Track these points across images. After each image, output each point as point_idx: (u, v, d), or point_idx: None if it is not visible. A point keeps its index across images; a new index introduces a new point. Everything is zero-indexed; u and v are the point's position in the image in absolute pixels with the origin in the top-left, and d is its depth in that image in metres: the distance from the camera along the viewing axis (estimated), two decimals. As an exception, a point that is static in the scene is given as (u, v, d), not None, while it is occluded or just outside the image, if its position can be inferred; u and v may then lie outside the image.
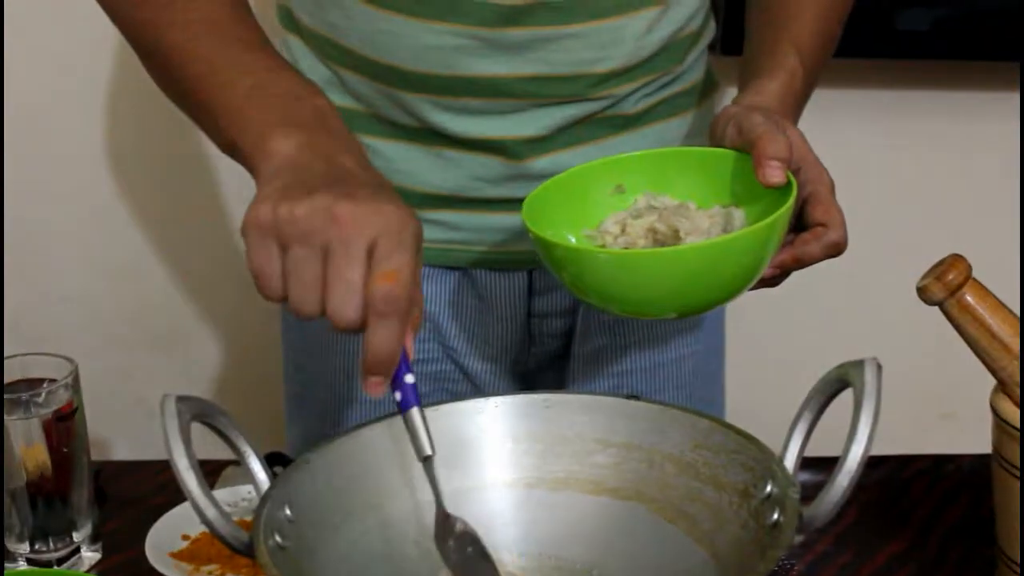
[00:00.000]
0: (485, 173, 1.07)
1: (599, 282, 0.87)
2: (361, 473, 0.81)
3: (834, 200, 0.92)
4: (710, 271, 0.84)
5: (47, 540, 1.01)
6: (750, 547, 0.74)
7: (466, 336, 1.18)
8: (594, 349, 1.18)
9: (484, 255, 1.12)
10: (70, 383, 0.99)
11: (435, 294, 1.15)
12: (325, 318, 0.75)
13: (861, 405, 0.71)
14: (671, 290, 0.85)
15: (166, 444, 0.71)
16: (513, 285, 1.15)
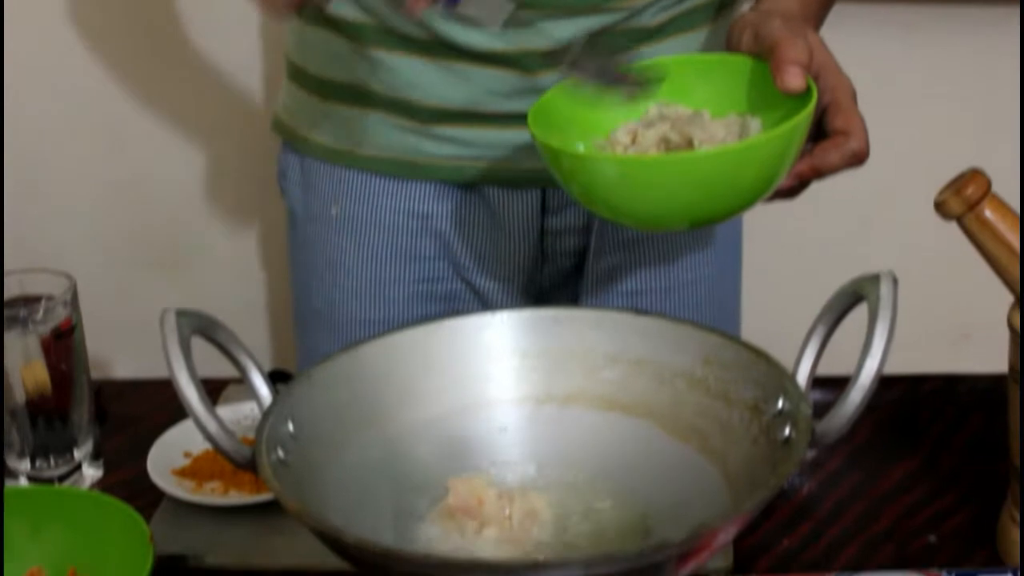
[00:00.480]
0: (498, 87, 1.05)
1: (608, 191, 0.84)
2: (363, 389, 0.80)
3: (855, 108, 0.89)
4: (724, 180, 0.82)
5: (48, 458, 1.01)
6: (761, 463, 0.73)
7: (477, 255, 1.16)
8: (608, 268, 1.16)
9: (496, 171, 1.11)
10: (68, 300, 0.98)
11: (446, 211, 1.14)
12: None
13: (876, 318, 0.69)
14: (682, 199, 0.83)
15: (166, 358, 0.70)
16: (525, 202, 1.13)
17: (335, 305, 1.19)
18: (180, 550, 0.94)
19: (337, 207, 1.16)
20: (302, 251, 1.22)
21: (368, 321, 1.17)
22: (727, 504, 0.73)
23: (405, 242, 1.15)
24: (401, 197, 1.14)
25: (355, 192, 1.15)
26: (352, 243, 1.16)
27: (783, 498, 0.96)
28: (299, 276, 1.24)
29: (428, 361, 0.81)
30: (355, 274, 1.17)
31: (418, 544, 0.74)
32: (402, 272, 1.16)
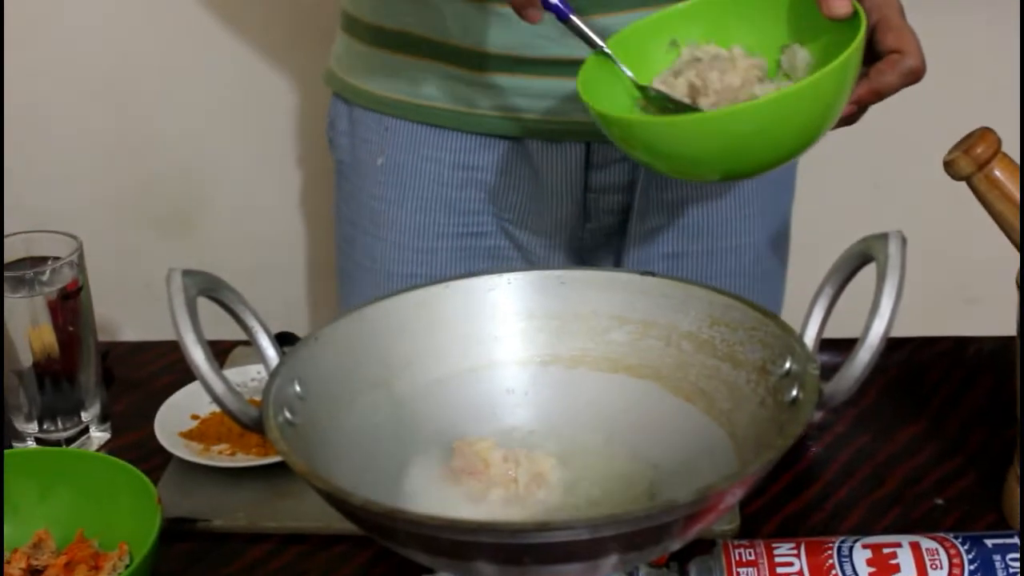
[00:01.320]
0: (545, 30, 1.04)
1: (644, 146, 0.85)
2: (371, 350, 0.79)
3: (906, 24, 0.87)
4: (765, 130, 0.82)
5: (55, 420, 1.01)
6: (767, 424, 0.72)
7: (520, 209, 1.16)
8: (651, 228, 1.16)
9: (540, 123, 1.10)
10: (75, 261, 0.98)
11: (489, 163, 1.14)
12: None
13: (885, 278, 0.69)
14: (717, 153, 0.83)
15: (172, 318, 0.70)
16: (569, 157, 1.13)
17: (378, 258, 1.19)
18: (188, 512, 0.94)
19: (383, 157, 1.16)
20: (348, 203, 1.23)
21: (411, 275, 1.17)
22: (734, 465, 0.73)
23: (449, 194, 1.16)
24: (447, 148, 1.14)
25: (401, 142, 1.16)
26: (396, 194, 1.17)
27: (790, 461, 0.96)
28: (344, 229, 1.24)
29: (434, 322, 0.80)
30: (399, 226, 1.17)
31: (424, 506, 0.74)
32: (446, 224, 1.16)
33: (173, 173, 1.72)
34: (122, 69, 1.66)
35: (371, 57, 1.14)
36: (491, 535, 0.62)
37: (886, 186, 1.65)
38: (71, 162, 1.71)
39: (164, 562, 0.89)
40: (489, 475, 0.75)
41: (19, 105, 1.65)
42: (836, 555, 0.80)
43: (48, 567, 0.86)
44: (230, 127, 1.70)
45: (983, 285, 1.69)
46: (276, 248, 1.78)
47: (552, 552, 0.63)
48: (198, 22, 1.63)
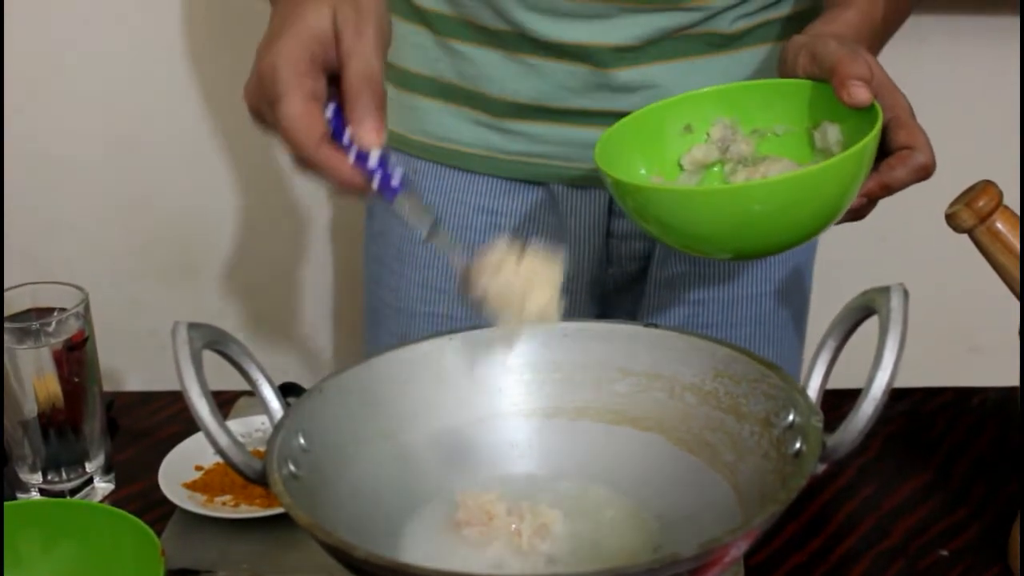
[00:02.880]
0: (571, 82, 1.07)
1: (656, 217, 0.86)
2: (375, 402, 0.79)
3: (916, 123, 0.88)
4: (782, 208, 0.82)
5: (59, 471, 1.01)
6: (771, 476, 0.72)
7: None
8: (672, 276, 1.17)
9: (565, 170, 1.12)
10: (81, 312, 0.98)
11: (514, 208, 1.16)
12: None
13: (887, 331, 0.69)
14: (730, 228, 0.83)
15: (177, 371, 0.70)
16: (593, 203, 1.14)
17: (403, 297, 1.21)
18: (191, 564, 0.94)
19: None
20: (376, 242, 1.25)
21: (431, 315, 1.19)
22: (738, 518, 0.73)
23: (473, 237, 1.17)
24: (473, 192, 1.16)
25: (428, 183, 1.17)
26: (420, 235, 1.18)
27: (794, 513, 0.96)
28: (371, 268, 1.26)
29: (439, 374, 0.81)
30: (422, 265, 1.19)
31: (427, 558, 0.73)
32: None
33: (178, 222, 1.73)
34: (127, 121, 1.67)
35: (401, 100, 1.16)
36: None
37: (892, 239, 1.65)
38: (77, 212, 1.72)
39: (167, 614, 0.88)
40: (493, 527, 0.75)
41: (26, 156, 1.66)
42: (841, 608, 0.79)
43: (52, 619, 0.86)
44: (235, 176, 1.71)
45: (986, 335, 1.69)
46: (280, 298, 1.78)
47: (556, 606, 0.63)
48: (205, 73, 1.64)
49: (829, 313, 0.76)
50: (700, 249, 0.88)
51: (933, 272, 1.51)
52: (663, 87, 1.05)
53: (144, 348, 1.59)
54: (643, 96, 1.05)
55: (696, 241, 0.86)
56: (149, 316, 1.68)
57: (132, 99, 1.66)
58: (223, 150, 1.69)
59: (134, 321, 1.68)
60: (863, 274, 0.93)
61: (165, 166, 1.70)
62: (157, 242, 1.74)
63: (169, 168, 1.70)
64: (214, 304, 1.71)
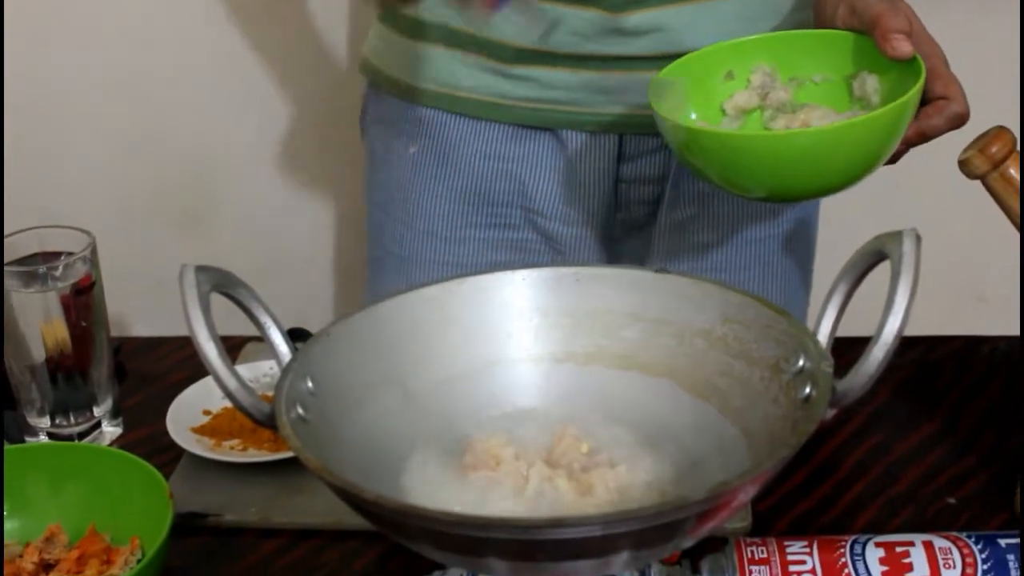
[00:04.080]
0: (581, 27, 1.06)
1: (705, 155, 0.90)
2: (383, 346, 0.79)
3: (951, 72, 0.91)
4: (844, 150, 0.86)
5: (67, 415, 1.01)
6: (781, 422, 0.72)
7: (551, 200, 1.17)
8: (681, 219, 1.17)
9: (574, 116, 1.12)
10: (88, 256, 0.98)
11: (521, 154, 1.16)
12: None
13: (899, 276, 0.68)
14: (796, 174, 0.88)
15: (185, 314, 0.70)
16: (602, 148, 1.14)
17: (407, 246, 1.20)
18: (199, 507, 0.94)
19: (416, 146, 1.18)
20: (379, 191, 1.24)
21: (439, 263, 1.19)
22: (746, 463, 0.72)
23: (480, 185, 1.17)
24: (479, 139, 1.16)
25: (434, 132, 1.17)
26: (428, 183, 1.18)
27: (802, 459, 0.96)
28: (374, 216, 1.26)
29: (447, 319, 0.80)
30: (429, 214, 1.19)
31: (434, 502, 0.73)
32: (476, 215, 1.18)
33: (186, 170, 1.72)
34: (135, 66, 1.66)
35: (411, 49, 1.15)
36: (504, 531, 0.62)
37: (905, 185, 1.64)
38: (84, 159, 1.71)
39: (175, 557, 0.89)
40: (500, 472, 0.75)
41: (33, 103, 1.65)
42: (849, 553, 0.79)
43: (60, 561, 0.86)
44: (242, 123, 1.70)
45: (995, 284, 1.68)
46: (287, 245, 1.78)
47: (564, 548, 0.62)
48: (214, 18, 1.63)
49: (840, 258, 0.75)
50: (739, 188, 0.92)
51: (944, 220, 1.50)
52: (672, 31, 1.05)
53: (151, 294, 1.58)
54: (651, 39, 1.05)
55: (735, 181, 0.91)
56: (156, 262, 1.67)
57: (141, 43, 1.65)
58: (233, 95, 1.68)
59: (141, 267, 1.68)
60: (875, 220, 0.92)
61: (172, 109, 1.69)
62: (164, 188, 1.73)
63: (176, 112, 1.69)
64: (221, 250, 1.71)
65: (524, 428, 0.78)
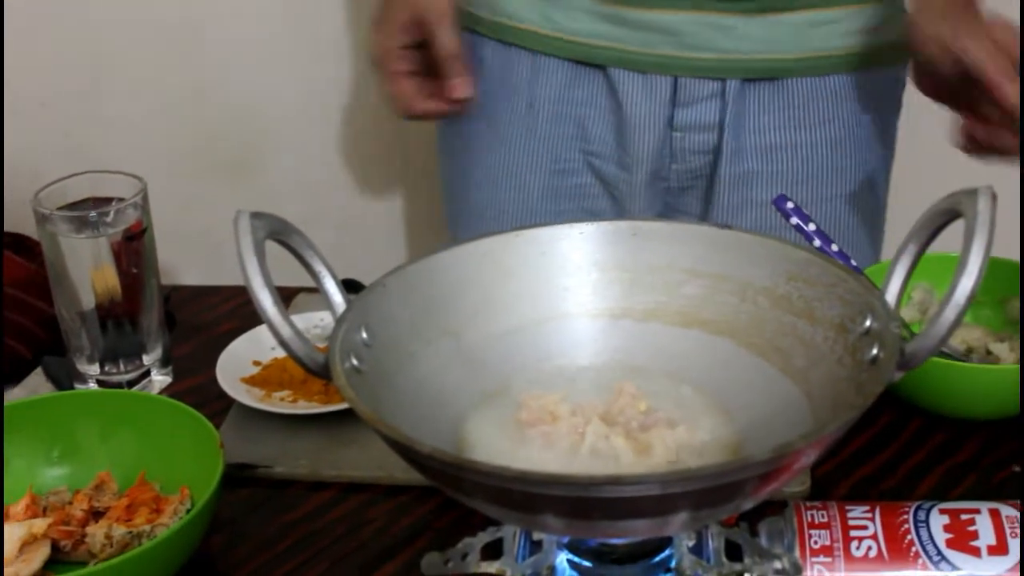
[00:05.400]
0: None
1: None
2: (438, 299, 0.78)
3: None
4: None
5: (117, 362, 1.00)
6: (845, 383, 0.70)
7: (606, 143, 1.17)
8: (743, 173, 1.15)
9: (625, 55, 1.12)
10: (139, 202, 0.97)
11: (579, 98, 1.16)
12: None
13: (973, 235, 0.66)
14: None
15: (240, 261, 0.68)
16: (654, 90, 1.13)
17: (472, 194, 1.22)
18: (249, 458, 0.93)
19: (477, 90, 1.17)
20: (445, 137, 1.26)
21: (501, 212, 1.20)
22: (809, 424, 0.71)
23: (540, 128, 1.17)
24: (537, 80, 1.16)
25: (495, 76, 1.17)
26: (489, 128, 1.19)
27: (863, 424, 0.94)
28: (444, 166, 1.28)
29: (504, 272, 0.79)
30: (491, 161, 1.20)
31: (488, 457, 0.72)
32: (536, 160, 1.19)
33: (238, 119, 1.71)
34: (190, 13, 1.65)
35: None
36: (562, 488, 0.60)
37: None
38: (137, 106, 1.71)
39: (224, 507, 0.88)
40: (556, 428, 0.73)
41: (83, 53, 1.64)
42: (912, 519, 0.77)
43: (109, 509, 0.86)
44: (296, 72, 1.69)
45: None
46: (337, 196, 1.76)
47: (622, 507, 0.61)
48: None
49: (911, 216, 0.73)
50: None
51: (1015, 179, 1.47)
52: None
53: (200, 245, 1.58)
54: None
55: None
56: (206, 212, 1.67)
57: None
58: (282, 45, 1.67)
59: (190, 218, 1.68)
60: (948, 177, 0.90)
61: (225, 57, 1.68)
62: (215, 137, 1.72)
63: (229, 60, 1.68)
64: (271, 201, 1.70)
65: (580, 384, 0.77)
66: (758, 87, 1.13)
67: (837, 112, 1.14)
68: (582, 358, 0.79)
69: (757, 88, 1.13)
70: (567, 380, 0.78)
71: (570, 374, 0.78)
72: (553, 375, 0.78)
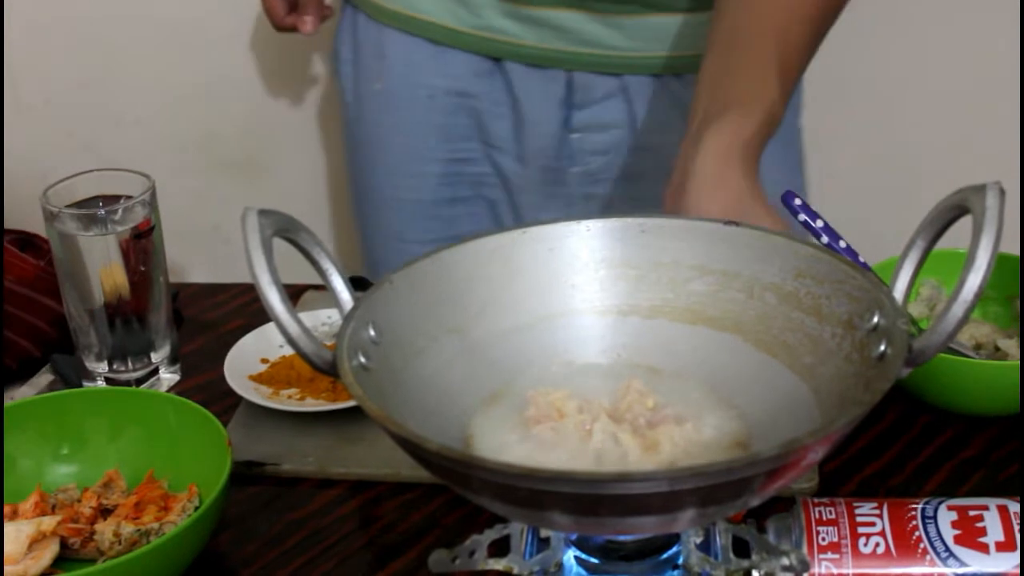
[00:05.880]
0: None
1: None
2: (445, 296, 0.78)
3: None
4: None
5: (125, 360, 1.00)
6: (853, 380, 0.70)
7: (501, 134, 1.20)
8: (638, 173, 1.19)
9: (520, 48, 1.15)
10: (147, 200, 0.97)
11: (478, 91, 1.19)
12: None
13: (981, 231, 0.66)
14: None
15: (248, 258, 0.68)
16: (549, 87, 1.16)
17: (373, 182, 1.25)
18: (256, 456, 0.94)
19: (380, 83, 1.21)
20: (350, 128, 1.28)
21: (399, 200, 1.23)
22: (816, 421, 0.71)
23: (440, 119, 1.21)
24: (439, 74, 1.19)
25: (397, 69, 1.20)
26: (392, 118, 1.22)
27: (870, 421, 0.94)
28: (349, 155, 1.31)
29: (511, 269, 0.79)
30: (392, 150, 1.22)
31: (496, 454, 0.72)
32: (436, 149, 1.22)
33: (246, 117, 1.72)
34: (193, 12, 1.65)
35: None
36: (569, 485, 0.60)
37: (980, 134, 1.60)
38: (145, 104, 1.71)
39: (231, 505, 0.88)
40: (563, 425, 0.73)
41: (89, 51, 1.65)
42: (920, 516, 0.77)
43: (118, 507, 0.86)
44: (304, 70, 1.69)
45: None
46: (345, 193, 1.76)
47: (629, 503, 0.61)
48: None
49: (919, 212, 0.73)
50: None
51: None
52: None
53: (208, 242, 1.58)
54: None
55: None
56: (212, 210, 1.67)
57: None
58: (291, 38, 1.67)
59: (198, 215, 1.68)
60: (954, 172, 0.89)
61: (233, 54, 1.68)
62: (223, 135, 1.72)
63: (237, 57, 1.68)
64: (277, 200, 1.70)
65: (588, 381, 0.77)
66: (656, 84, 1.16)
67: None
68: (589, 355, 0.79)
69: (655, 85, 1.16)
70: (574, 377, 0.78)
71: (577, 371, 0.78)
72: (560, 372, 0.78)
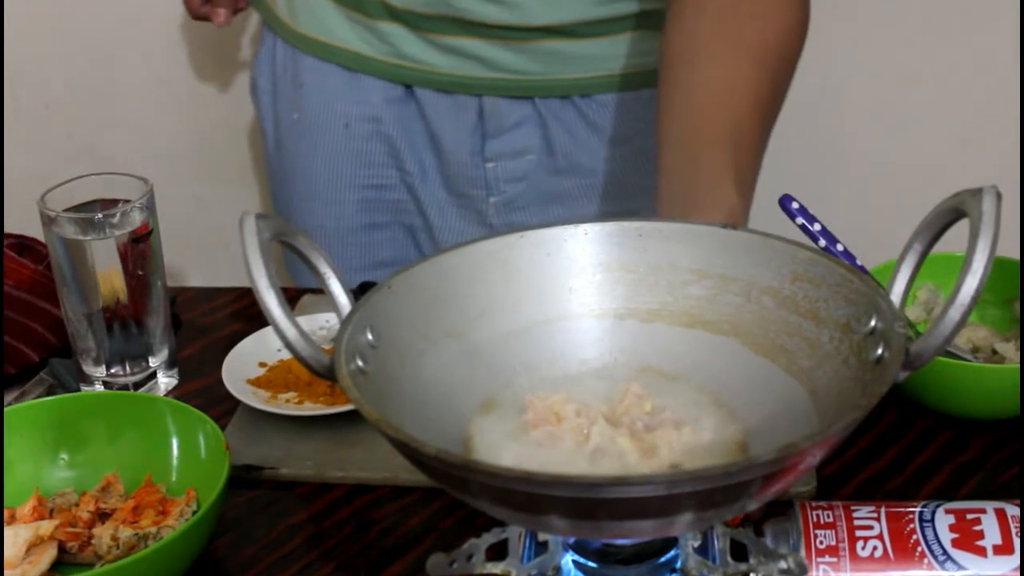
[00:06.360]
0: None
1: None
2: (443, 300, 0.78)
3: None
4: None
5: (123, 364, 1.01)
6: (850, 383, 0.70)
7: (415, 161, 1.22)
8: (558, 192, 1.21)
9: (434, 76, 1.17)
10: (145, 204, 0.97)
11: (394, 117, 1.21)
12: None
13: (978, 235, 0.66)
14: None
15: (245, 262, 0.68)
16: (461, 114, 1.18)
17: (293, 211, 1.26)
18: (254, 460, 0.94)
19: (298, 112, 1.23)
20: (270, 157, 1.30)
21: (318, 227, 1.24)
22: (814, 425, 0.71)
23: (357, 145, 1.22)
24: (353, 100, 1.20)
25: (313, 95, 1.22)
26: (309, 146, 1.24)
27: (868, 424, 0.94)
28: (271, 185, 1.32)
29: (509, 273, 0.79)
30: (310, 177, 1.24)
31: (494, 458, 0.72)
32: (353, 176, 1.23)
33: (244, 120, 1.72)
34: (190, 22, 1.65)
35: None
36: (566, 489, 0.60)
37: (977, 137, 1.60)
38: (142, 107, 1.71)
39: (230, 509, 0.88)
40: (561, 429, 0.74)
41: (92, 56, 1.65)
42: (918, 520, 0.77)
43: (116, 511, 0.86)
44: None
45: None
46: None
47: (627, 507, 0.61)
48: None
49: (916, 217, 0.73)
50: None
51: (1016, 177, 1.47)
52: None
53: (206, 247, 1.58)
54: (503, 8, 1.08)
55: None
56: (211, 214, 1.67)
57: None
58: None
59: (196, 220, 1.68)
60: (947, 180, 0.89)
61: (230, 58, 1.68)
62: (221, 138, 1.73)
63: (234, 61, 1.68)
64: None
65: (586, 385, 0.77)
66: (569, 106, 1.17)
67: (645, 126, 1.13)
68: (587, 359, 0.79)
69: (569, 107, 1.17)
70: (572, 381, 0.78)
71: (575, 375, 0.78)
72: (558, 376, 0.78)
